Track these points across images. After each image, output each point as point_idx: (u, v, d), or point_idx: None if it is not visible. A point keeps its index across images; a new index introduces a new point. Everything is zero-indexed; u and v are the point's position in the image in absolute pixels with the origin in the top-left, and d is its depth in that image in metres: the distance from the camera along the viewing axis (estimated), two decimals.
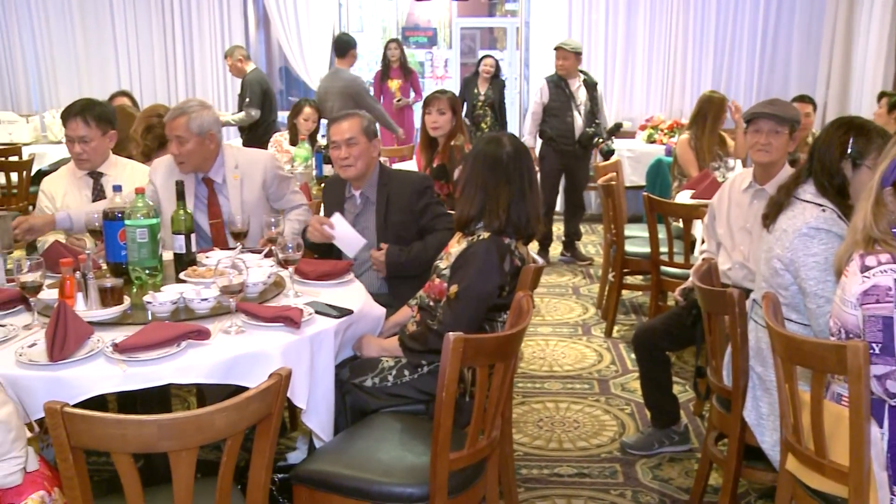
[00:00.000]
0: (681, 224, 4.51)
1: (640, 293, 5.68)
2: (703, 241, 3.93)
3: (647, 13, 8.25)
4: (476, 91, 8.01)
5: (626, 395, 4.17)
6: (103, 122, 3.55)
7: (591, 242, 7.47)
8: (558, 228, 7.52)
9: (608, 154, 6.41)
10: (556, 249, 7.09)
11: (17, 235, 3.25)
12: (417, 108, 8.44)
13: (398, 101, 8.45)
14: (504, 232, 2.75)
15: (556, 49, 6.44)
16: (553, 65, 6.46)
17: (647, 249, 4.70)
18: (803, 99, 5.73)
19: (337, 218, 3.42)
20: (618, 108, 8.42)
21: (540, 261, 2.95)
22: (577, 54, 6.43)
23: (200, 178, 3.60)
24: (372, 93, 8.47)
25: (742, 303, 2.68)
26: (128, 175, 3.55)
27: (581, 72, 6.50)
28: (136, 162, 3.83)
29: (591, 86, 6.46)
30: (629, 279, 5.27)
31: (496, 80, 8.03)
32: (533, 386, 4.30)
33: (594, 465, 3.48)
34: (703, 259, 3.51)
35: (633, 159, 7.35)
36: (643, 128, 7.84)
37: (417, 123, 8.67)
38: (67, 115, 3.52)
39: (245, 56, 7.69)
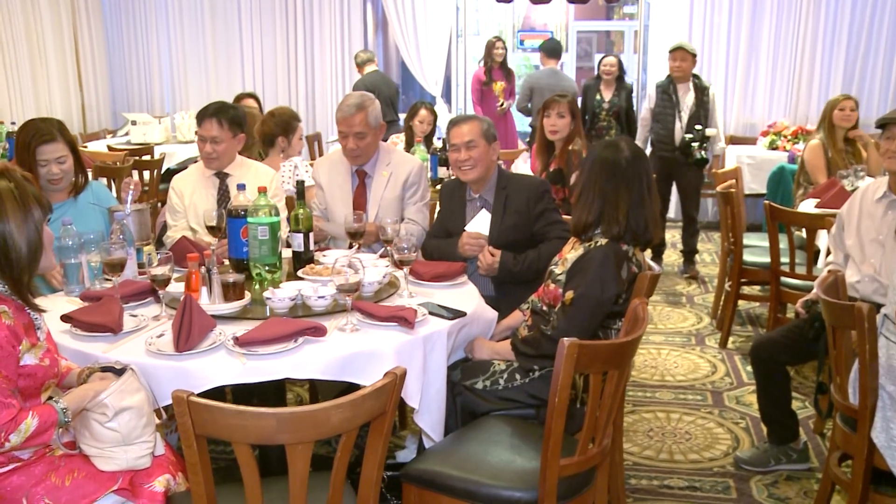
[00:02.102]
0: (803, 234, 4.33)
1: (758, 304, 5.49)
2: (828, 253, 3.77)
3: (773, 13, 7.89)
4: (599, 98, 7.13)
5: (741, 408, 4.03)
6: (235, 126, 3.68)
7: (707, 251, 7.26)
8: (673, 235, 7.37)
9: (700, 163, 6.11)
10: (669, 257, 6.93)
11: None
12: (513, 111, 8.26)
13: (501, 105, 7.93)
14: (622, 238, 2.71)
15: (674, 50, 6.24)
16: (668, 68, 6.31)
17: (767, 259, 4.54)
18: None
19: (485, 215, 3.47)
20: (738, 112, 8.13)
21: (656, 268, 2.88)
22: (695, 56, 6.26)
23: (354, 169, 3.72)
24: (471, 97, 8.45)
25: (872, 317, 2.55)
26: (252, 176, 3.67)
27: (693, 75, 6.31)
28: (260, 163, 3.96)
29: (701, 90, 6.22)
30: (746, 289, 5.11)
31: (622, 84, 7.13)
32: (644, 395, 4.21)
33: (706, 479, 3.38)
34: (829, 271, 3.37)
35: (753, 166, 7.09)
36: (765, 134, 7.54)
37: (517, 127, 8.59)
38: (203, 115, 3.66)
39: (359, 62, 7.89)
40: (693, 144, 6.05)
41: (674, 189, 6.54)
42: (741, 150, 7.30)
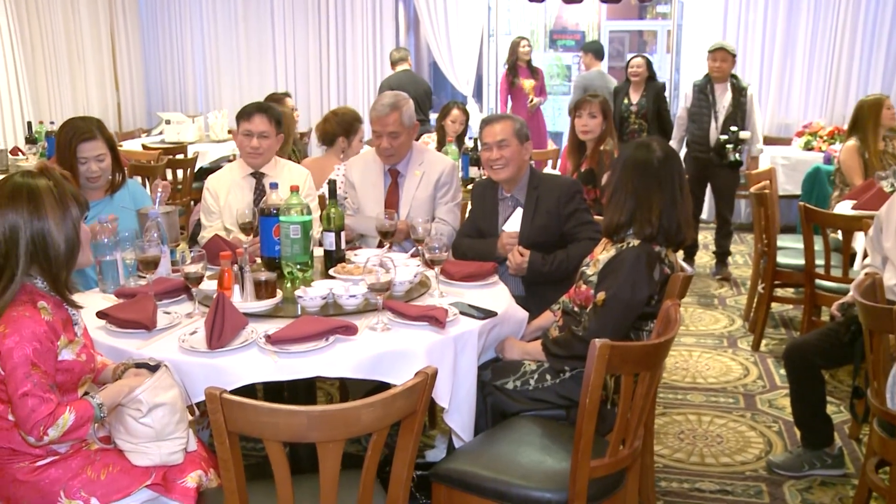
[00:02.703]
0: (839, 235, 4.28)
1: (791, 307, 5.43)
2: (864, 255, 3.71)
3: (809, 10, 7.76)
4: (627, 101, 6.92)
5: (774, 411, 3.99)
6: (278, 123, 3.74)
7: (740, 252, 7.18)
8: (705, 237, 7.30)
9: (734, 165, 6.02)
10: (701, 258, 6.87)
11: None
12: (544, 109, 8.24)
13: (532, 102, 7.96)
14: (655, 239, 2.69)
15: (714, 50, 6.13)
16: (706, 67, 6.22)
17: (801, 261, 4.49)
18: None
19: (518, 214, 3.48)
20: (773, 112, 8.02)
21: (688, 269, 2.86)
22: (735, 57, 6.19)
23: (387, 168, 3.74)
24: (499, 94, 8.45)
25: None
26: (286, 175, 3.70)
27: (732, 76, 6.22)
28: (294, 163, 3.99)
29: (739, 90, 6.13)
30: (780, 292, 5.05)
31: (651, 85, 6.88)
32: (674, 397, 4.18)
33: (738, 483, 3.35)
34: (866, 273, 3.31)
35: (787, 167, 7.00)
36: (800, 134, 7.43)
37: (548, 126, 8.55)
38: (250, 111, 3.70)
39: (392, 61, 7.93)
40: (727, 146, 5.97)
41: (708, 190, 6.47)
42: (776, 151, 7.20)
